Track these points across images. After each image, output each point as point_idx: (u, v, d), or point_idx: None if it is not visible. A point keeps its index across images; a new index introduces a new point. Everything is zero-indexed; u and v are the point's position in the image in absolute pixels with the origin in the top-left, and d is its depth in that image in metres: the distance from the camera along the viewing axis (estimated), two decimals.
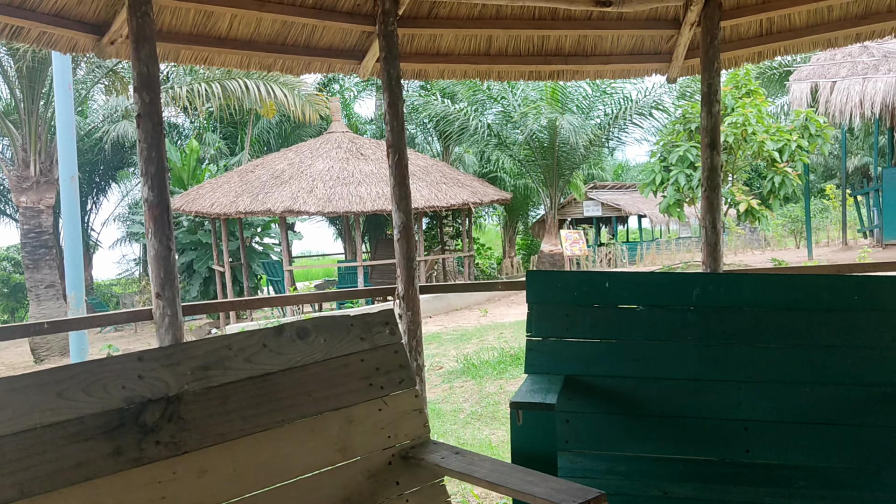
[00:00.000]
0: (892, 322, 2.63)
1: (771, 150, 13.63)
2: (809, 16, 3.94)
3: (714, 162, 3.73)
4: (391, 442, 2.08)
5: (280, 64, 3.87)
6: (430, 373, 8.29)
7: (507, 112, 18.18)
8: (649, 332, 2.79)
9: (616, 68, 4.26)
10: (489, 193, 16.36)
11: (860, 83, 14.95)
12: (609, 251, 27.45)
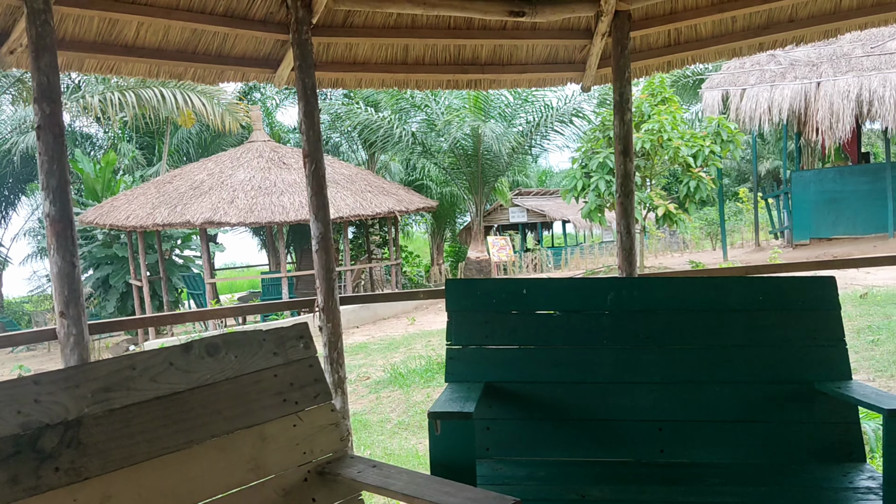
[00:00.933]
0: (795, 321, 2.74)
1: (686, 156, 14.09)
2: (714, 26, 4.08)
3: (627, 169, 3.81)
4: (307, 458, 2.04)
5: (191, 73, 3.77)
6: (356, 383, 8.21)
7: (430, 120, 18.26)
8: (566, 337, 2.83)
9: (532, 77, 4.31)
10: (415, 201, 16.37)
11: (768, 90, 15.61)
12: (535, 256, 27.85)
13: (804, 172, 17.47)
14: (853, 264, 3.92)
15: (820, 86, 15.05)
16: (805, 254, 15.41)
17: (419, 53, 4.05)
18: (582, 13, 3.77)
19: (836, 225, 16.19)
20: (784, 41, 4.16)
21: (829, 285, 2.76)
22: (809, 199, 16.30)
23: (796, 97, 15.19)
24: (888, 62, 14.97)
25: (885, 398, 2.25)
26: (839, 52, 15.59)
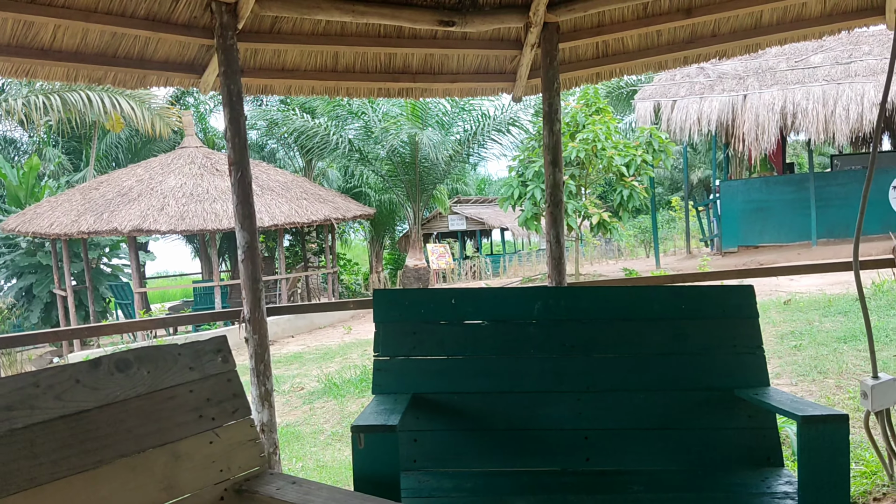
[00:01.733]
0: (716, 329, 2.80)
1: (619, 165, 14.36)
2: (641, 40, 4.16)
3: (556, 178, 3.85)
4: (224, 476, 1.98)
5: (112, 77, 3.64)
6: (290, 394, 8.08)
7: (368, 127, 18.18)
8: (494, 346, 2.83)
9: (464, 87, 4.32)
10: (352, 209, 16.26)
11: (698, 102, 16.05)
12: (474, 264, 27.98)
13: (732, 182, 18.01)
14: (773, 272, 4.04)
15: (746, 98, 15.55)
16: (733, 261, 15.87)
17: (349, 61, 4.01)
18: (511, 24, 3.80)
19: (762, 233, 16.71)
20: (707, 55, 4.26)
21: (747, 294, 2.83)
22: (737, 208, 16.80)
23: (724, 109, 15.66)
24: (811, 76, 15.57)
25: (800, 405, 2.31)
26: (765, 66, 16.15)
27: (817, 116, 14.80)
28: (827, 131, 14.81)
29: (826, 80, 15.20)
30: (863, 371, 5.83)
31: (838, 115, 14.61)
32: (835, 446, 2.11)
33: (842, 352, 6.70)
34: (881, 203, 16.34)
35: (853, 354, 6.53)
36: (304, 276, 17.96)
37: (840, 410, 2.23)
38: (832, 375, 6.08)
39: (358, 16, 3.48)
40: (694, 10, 3.88)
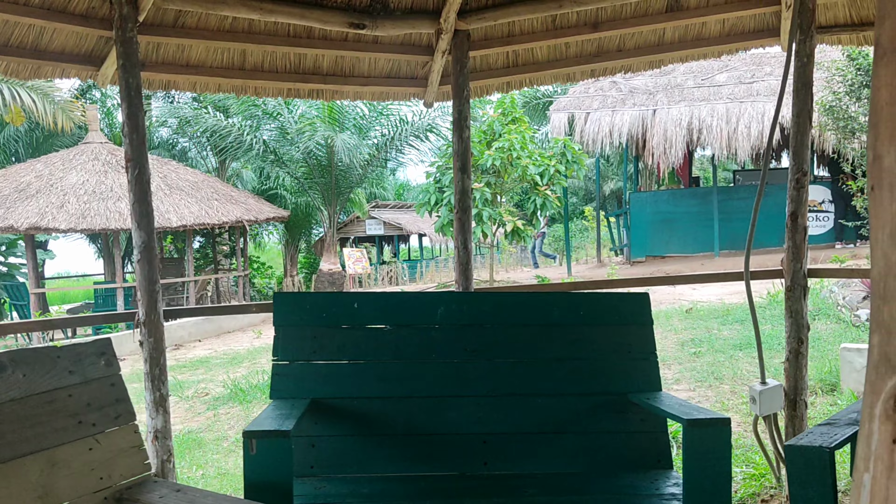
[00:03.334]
0: (612, 335, 2.88)
1: (533, 175, 14.62)
2: (550, 51, 4.24)
3: (465, 185, 3.88)
4: (104, 484, 1.90)
5: (3, 66, 3.46)
6: (194, 399, 7.85)
7: (283, 129, 17.89)
8: (396, 351, 2.82)
9: (375, 90, 4.30)
10: (265, 211, 15.96)
11: (610, 115, 16.52)
12: (391, 269, 27.92)
13: (641, 194, 18.59)
14: (672, 281, 4.18)
15: (656, 113, 16.10)
16: (640, 270, 16.37)
17: (257, 59, 3.93)
18: (423, 30, 3.81)
19: (669, 244, 17.30)
20: (614, 69, 4.38)
21: (642, 302, 2.92)
22: (646, 220, 17.34)
23: (635, 123, 16.17)
24: (716, 94, 16.26)
25: (687, 409, 2.39)
26: (673, 83, 16.76)
27: (721, 133, 15.46)
28: (730, 147, 15.50)
29: (730, 99, 15.90)
30: (754, 377, 6.10)
31: (740, 132, 15.30)
32: (717, 448, 2.19)
33: (737, 358, 7.00)
34: (779, 217, 17.13)
35: (748, 361, 6.84)
36: (213, 279, 17.50)
37: (723, 414, 2.32)
38: (727, 381, 6.34)
39: (266, 14, 3.42)
40: (600, 24, 3.98)
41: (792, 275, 3.56)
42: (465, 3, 3.74)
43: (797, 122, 3.52)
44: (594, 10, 3.89)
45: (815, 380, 5.72)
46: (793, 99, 3.53)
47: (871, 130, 0.86)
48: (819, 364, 6.11)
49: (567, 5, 3.74)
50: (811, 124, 3.57)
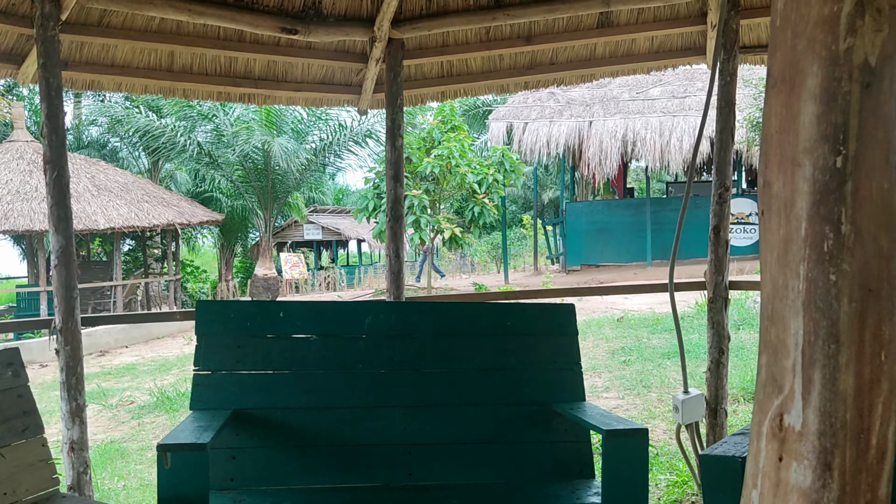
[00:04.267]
0: (538, 345, 2.90)
1: (471, 183, 14.71)
2: (484, 62, 4.27)
3: (398, 194, 3.87)
4: (8, 499, 1.82)
5: None
6: (118, 408, 7.62)
7: (219, 131, 17.56)
8: (322, 361, 2.79)
9: (308, 96, 4.26)
10: (198, 214, 15.64)
11: (548, 126, 16.77)
12: (328, 275, 27.69)
13: (577, 204, 18.91)
14: (600, 292, 4.26)
15: (592, 125, 16.41)
16: (575, 279, 16.63)
17: (186, 61, 3.85)
18: (356, 37, 3.79)
19: (603, 253, 17.64)
20: (546, 82, 4.44)
21: (568, 312, 2.96)
22: (581, 229, 17.64)
23: (571, 134, 16.46)
24: (650, 107, 16.67)
25: (608, 419, 2.43)
26: (609, 95, 17.12)
27: (654, 146, 15.86)
28: (662, 160, 15.91)
29: (663, 112, 16.32)
30: (680, 386, 6.25)
31: (673, 145, 15.72)
32: (635, 457, 2.23)
33: (665, 367, 7.17)
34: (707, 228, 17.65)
35: (675, 369, 7.00)
36: (143, 283, 17.03)
37: (641, 425, 2.37)
38: (655, 389, 6.49)
39: (194, 15, 3.35)
40: (533, 37, 4.03)
41: (714, 287, 3.67)
42: (400, 12, 3.75)
43: (720, 139, 3.63)
44: (527, 23, 3.94)
45: (737, 388, 5.90)
46: (716, 116, 3.65)
47: (762, 158, 0.89)
48: (742, 373, 6.31)
49: (500, 18, 3.78)
50: (733, 141, 3.68)
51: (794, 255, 0.84)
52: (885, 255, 0.83)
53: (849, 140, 0.81)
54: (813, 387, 0.82)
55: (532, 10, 3.77)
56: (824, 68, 0.82)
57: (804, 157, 0.83)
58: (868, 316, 0.82)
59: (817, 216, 0.82)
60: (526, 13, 3.78)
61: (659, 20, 4.03)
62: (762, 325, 0.90)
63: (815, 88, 0.82)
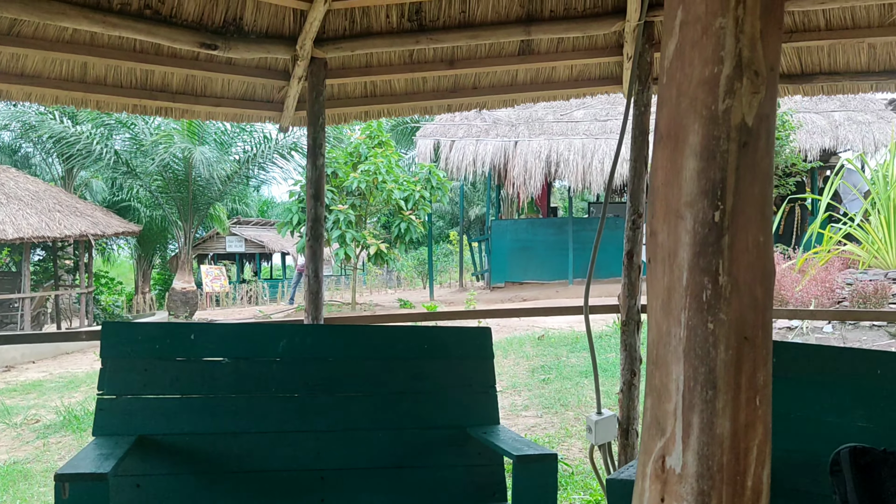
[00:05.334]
0: (454, 368, 2.92)
1: (398, 199, 14.73)
2: (407, 84, 4.29)
3: (318, 213, 3.84)
4: None
5: None
6: (22, 427, 7.27)
7: (138, 139, 17.05)
8: (234, 385, 2.74)
9: (228, 111, 4.19)
10: (114, 225, 15.11)
11: (474, 144, 16.94)
12: (251, 288, 27.18)
13: (503, 222, 19.15)
14: (517, 314, 4.32)
15: (517, 145, 16.68)
16: (499, 296, 16.80)
17: (100, 73, 3.74)
18: (278, 55, 3.76)
19: (527, 270, 17.88)
20: (469, 105, 4.50)
21: (484, 336, 2.99)
22: (506, 246, 17.86)
23: (497, 153, 16.68)
24: (573, 129, 17.06)
25: (519, 444, 2.47)
26: (534, 116, 17.44)
27: (577, 167, 16.22)
28: (585, 181, 16.29)
29: (586, 135, 16.73)
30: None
31: (594, 166, 16.12)
32: (545, 482, 2.27)
33: (583, 385, 7.31)
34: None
35: (592, 388, 7.14)
36: (53, 296, 16.32)
37: (550, 450, 2.41)
38: (573, 408, 6.61)
39: (109, 27, 3.26)
40: (456, 62, 4.08)
41: (627, 310, 3.78)
42: (323, 31, 3.74)
43: (634, 167, 3.75)
44: (450, 48, 3.99)
45: None
46: (630, 145, 3.76)
47: (649, 208, 0.93)
48: None
49: (423, 42, 3.82)
50: (646, 169, 3.81)
51: (676, 304, 0.88)
52: (761, 305, 0.87)
53: (726, 196, 0.86)
54: (692, 430, 0.86)
55: (455, 35, 3.82)
56: (705, 127, 0.86)
57: (686, 210, 0.87)
58: (744, 363, 0.86)
59: (697, 267, 0.86)
60: (448, 38, 3.83)
61: (578, 50, 4.14)
62: (648, 368, 0.93)
63: (696, 146, 0.87)
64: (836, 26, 3.79)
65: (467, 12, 3.82)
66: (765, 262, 0.87)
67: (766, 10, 0.85)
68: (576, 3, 3.88)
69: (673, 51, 0.90)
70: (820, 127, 15.83)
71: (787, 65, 4.09)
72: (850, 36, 3.78)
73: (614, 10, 3.90)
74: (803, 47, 3.96)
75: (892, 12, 3.64)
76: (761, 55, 0.85)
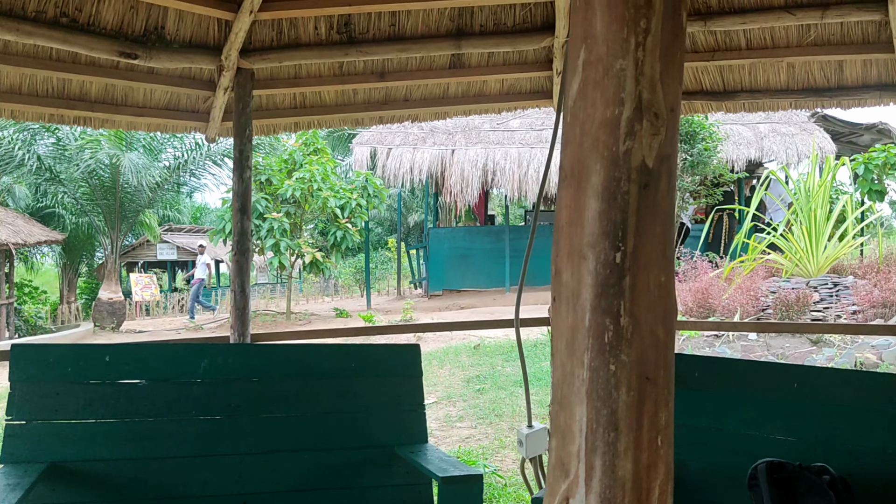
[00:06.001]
0: (380, 387, 2.89)
1: (334, 207, 14.59)
2: (338, 95, 4.25)
3: (244, 226, 3.76)
4: None
5: None
6: None
7: (62, 145, 16.47)
8: (152, 409, 2.65)
9: (151, 122, 4.07)
10: (36, 233, 14.56)
11: (411, 152, 16.92)
12: (183, 297, 26.50)
13: (440, 230, 19.16)
14: (446, 327, 4.31)
15: (454, 153, 16.73)
16: (437, 304, 16.80)
17: (14, 81, 3.58)
18: (202, 65, 3.68)
19: (464, 278, 17.93)
20: (401, 117, 4.49)
21: (413, 353, 2.97)
22: (444, 254, 17.86)
23: (434, 161, 16.69)
24: (510, 138, 17.20)
25: (445, 465, 2.45)
26: (471, 125, 17.52)
27: (513, 175, 16.36)
28: (521, 189, 16.44)
29: (522, 144, 16.89)
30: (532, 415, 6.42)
31: (530, 175, 16.28)
32: (469, 503, 2.26)
33: (518, 395, 7.34)
34: None
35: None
36: None
37: (476, 470, 2.40)
38: (507, 418, 6.63)
39: (23, 35, 3.13)
40: (387, 74, 4.06)
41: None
42: (249, 42, 3.67)
43: None
44: (381, 60, 3.96)
45: None
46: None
47: (554, 247, 0.93)
48: None
49: (353, 54, 3.79)
50: None
51: (579, 344, 0.87)
52: (662, 345, 0.88)
53: (627, 237, 0.85)
54: (594, 473, 0.85)
55: (385, 48, 3.80)
56: (606, 168, 0.86)
57: (588, 251, 0.87)
58: (646, 403, 0.86)
59: (599, 308, 0.86)
60: (379, 51, 3.81)
61: (509, 64, 4.18)
62: (552, 408, 0.93)
63: (598, 186, 0.87)
64: (756, 46, 3.90)
65: (397, 25, 3.81)
66: (666, 302, 0.87)
67: (666, 52, 0.85)
68: (506, 18, 3.91)
69: (576, 89, 0.89)
70: (746, 138, 16.34)
71: (710, 82, 4.20)
72: (770, 55, 3.90)
73: (543, 25, 3.94)
74: (725, 66, 4.07)
75: (810, 33, 3.77)
76: (661, 97, 0.86)
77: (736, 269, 9.47)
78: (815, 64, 3.95)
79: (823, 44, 3.79)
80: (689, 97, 4.30)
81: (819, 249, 9.14)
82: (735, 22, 3.71)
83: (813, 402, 2.50)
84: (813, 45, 3.79)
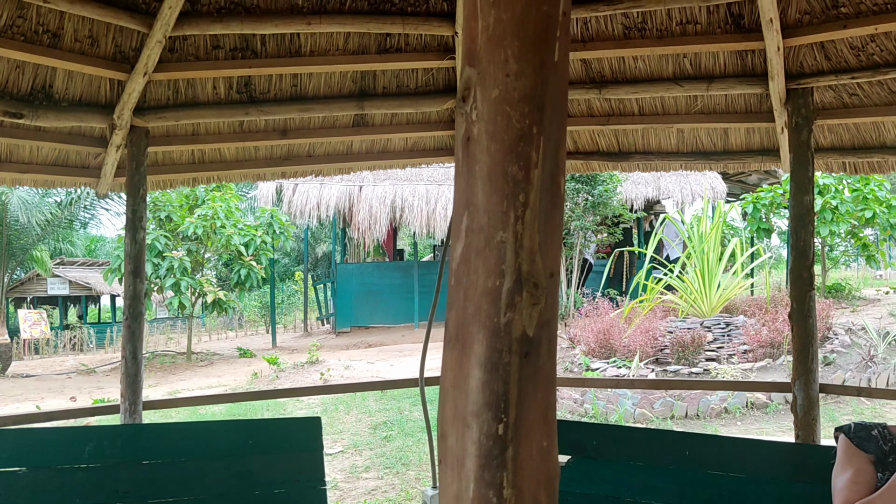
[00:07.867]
0: (279, 464, 2.80)
1: (238, 245, 14.26)
2: (238, 152, 4.16)
3: (137, 290, 3.61)
4: None
5: None
6: None
7: None
8: (31, 497, 2.48)
9: (37, 178, 3.87)
10: None
11: (318, 188, 16.77)
12: (75, 334, 25.21)
13: (348, 265, 19.02)
14: (348, 389, 4.25)
15: (362, 189, 16.69)
16: (345, 341, 16.60)
17: None
18: (93, 124, 3.54)
19: (373, 314, 17.82)
20: (304, 172, 4.45)
21: (313, 427, 2.90)
22: (352, 290, 17.72)
23: (342, 197, 16.61)
24: (417, 175, 17.30)
25: None
26: None
27: (421, 212, 16.46)
28: (429, 226, 16.55)
29: (430, 181, 17.03)
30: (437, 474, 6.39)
31: (438, 212, 16.42)
32: None
33: (425, 442, 7.30)
34: None
35: (436, 445, 7.17)
36: None
37: None
38: (413, 467, 6.58)
39: None
40: (289, 132, 4.02)
41: None
42: (144, 100, 3.56)
43: None
44: (282, 119, 3.92)
45: None
46: None
47: (440, 408, 0.92)
48: None
49: (254, 113, 3.73)
50: None
51: None
52: None
53: (509, 408, 0.86)
54: None
55: (286, 107, 3.77)
56: (488, 338, 0.87)
57: (472, 420, 0.87)
58: None
59: (483, 480, 0.85)
60: (280, 110, 3.77)
61: (412, 123, 4.21)
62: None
63: (481, 355, 0.87)
64: (648, 112, 4.07)
65: (299, 86, 3.78)
66: (548, 467, 0.88)
67: (545, 223, 0.87)
68: (408, 81, 3.95)
69: (460, 254, 0.90)
70: (644, 178, 17.01)
71: (607, 144, 4.36)
72: (661, 122, 4.08)
73: (445, 88, 4.00)
74: (620, 130, 4.23)
75: (697, 103, 3.97)
76: (540, 267, 0.87)
77: (635, 310, 9.78)
78: (703, 130, 4.16)
79: (710, 112, 4.00)
80: (587, 157, 4.46)
81: (712, 290, 9.56)
82: (628, 91, 3.87)
83: (704, 471, 2.58)
84: (700, 114, 3.99)
